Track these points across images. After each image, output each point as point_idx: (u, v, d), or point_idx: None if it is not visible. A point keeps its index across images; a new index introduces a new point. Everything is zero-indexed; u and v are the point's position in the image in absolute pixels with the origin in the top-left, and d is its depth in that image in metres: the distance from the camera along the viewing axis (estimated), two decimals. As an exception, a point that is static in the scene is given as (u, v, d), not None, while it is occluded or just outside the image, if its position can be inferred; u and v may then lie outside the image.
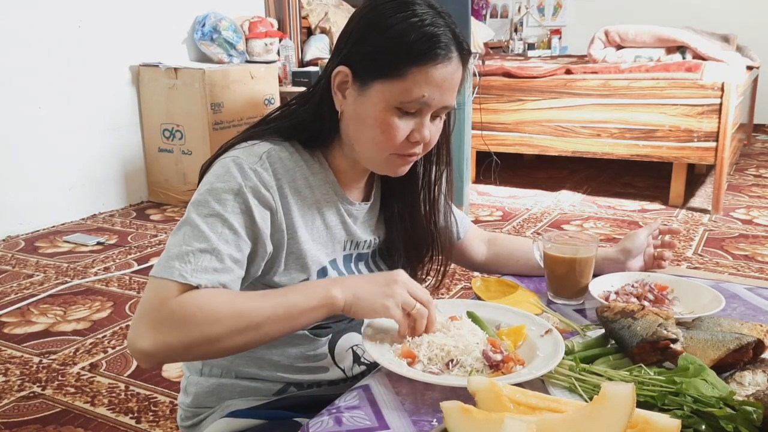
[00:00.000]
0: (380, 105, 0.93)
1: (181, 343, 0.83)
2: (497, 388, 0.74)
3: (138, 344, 0.83)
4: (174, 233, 0.91)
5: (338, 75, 0.96)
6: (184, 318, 0.83)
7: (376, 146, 0.96)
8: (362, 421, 0.81)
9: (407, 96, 0.92)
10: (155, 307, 0.84)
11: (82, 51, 3.64)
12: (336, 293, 0.89)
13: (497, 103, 4.10)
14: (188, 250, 0.87)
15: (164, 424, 1.76)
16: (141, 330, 0.83)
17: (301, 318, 0.89)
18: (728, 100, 3.48)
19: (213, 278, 0.87)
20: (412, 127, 0.95)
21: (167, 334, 0.83)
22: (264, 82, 4.13)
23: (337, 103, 0.98)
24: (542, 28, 6.70)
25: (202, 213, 0.90)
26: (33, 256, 3.11)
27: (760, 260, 2.92)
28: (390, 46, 0.91)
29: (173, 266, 0.86)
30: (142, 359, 0.84)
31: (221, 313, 0.85)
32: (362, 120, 0.96)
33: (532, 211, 3.78)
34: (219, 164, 0.95)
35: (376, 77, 0.93)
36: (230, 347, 0.86)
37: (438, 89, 0.92)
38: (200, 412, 1.10)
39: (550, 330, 0.95)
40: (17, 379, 1.99)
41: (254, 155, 0.95)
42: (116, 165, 3.93)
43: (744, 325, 0.94)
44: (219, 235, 0.89)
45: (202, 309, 0.84)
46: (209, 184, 0.93)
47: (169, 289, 0.85)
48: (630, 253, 1.23)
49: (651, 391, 0.78)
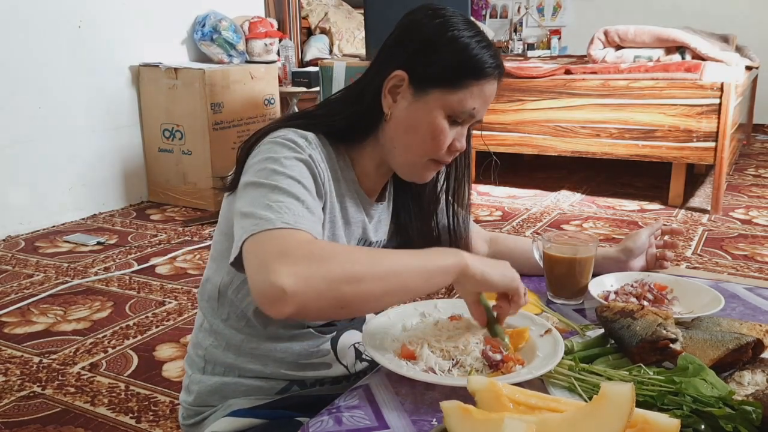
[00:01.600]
0: (436, 111, 0.98)
1: (325, 279, 0.77)
2: (497, 388, 0.75)
3: (275, 281, 0.75)
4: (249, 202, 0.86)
5: (393, 78, 0.99)
6: (322, 253, 0.80)
7: (422, 151, 1.00)
8: (362, 420, 0.81)
9: (462, 106, 0.98)
10: (286, 248, 0.79)
11: (82, 51, 3.65)
12: (467, 258, 0.89)
13: (497, 103, 4.10)
14: (278, 205, 0.84)
15: (164, 423, 1.76)
16: (275, 267, 0.76)
17: (435, 277, 0.87)
18: (727, 100, 3.48)
19: (313, 224, 0.85)
20: (455, 136, 1.01)
21: (309, 268, 0.77)
22: (264, 83, 4.13)
23: (386, 106, 1.00)
24: (542, 29, 6.70)
25: (274, 178, 0.88)
26: (33, 256, 3.11)
27: (759, 260, 2.93)
28: (456, 59, 0.97)
29: (271, 218, 0.82)
30: (279, 299, 0.75)
31: (359, 255, 0.85)
32: (413, 124, 0.99)
33: (531, 211, 3.78)
34: (268, 142, 0.95)
35: (437, 85, 0.98)
36: (373, 294, 0.82)
37: (484, 104, 1.00)
38: (202, 411, 1.11)
39: (549, 330, 0.96)
40: (17, 378, 2.00)
41: (300, 136, 0.96)
42: (116, 165, 3.93)
43: (743, 324, 0.95)
44: (299, 192, 0.88)
45: (334, 248, 0.84)
46: (267, 158, 0.91)
47: (288, 233, 0.81)
48: (632, 252, 1.24)
49: (650, 391, 0.78)
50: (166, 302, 2.55)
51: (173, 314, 2.44)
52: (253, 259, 0.80)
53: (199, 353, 1.11)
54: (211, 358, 1.09)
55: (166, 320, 2.39)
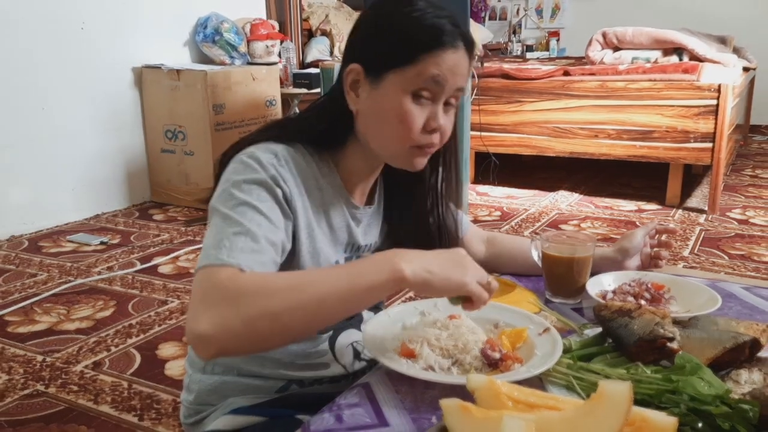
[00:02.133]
0: (395, 94, 0.95)
1: (240, 319, 0.76)
2: (496, 386, 0.75)
3: (195, 328, 0.76)
4: (207, 233, 0.89)
5: (350, 74, 0.98)
6: (238, 292, 0.78)
7: (396, 139, 0.97)
8: (362, 418, 0.82)
9: (421, 78, 0.93)
10: (206, 291, 0.80)
11: (85, 52, 3.65)
12: (404, 267, 0.81)
13: (496, 105, 4.11)
14: (222, 236, 0.85)
15: (167, 421, 1.77)
16: (196, 313, 0.77)
17: (367, 295, 0.82)
18: (725, 101, 3.49)
19: (251, 258, 0.84)
20: (427, 115, 0.96)
21: (223, 310, 0.77)
22: (265, 84, 4.14)
23: (351, 103, 0.99)
24: (540, 30, 6.71)
25: (229, 205, 0.89)
26: (37, 256, 3.12)
27: (756, 260, 2.94)
28: (405, 34, 0.94)
29: (210, 254, 0.83)
30: (201, 345, 0.77)
31: (277, 286, 0.79)
32: (379, 114, 0.97)
33: (530, 211, 3.79)
34: (236, 161, 0.95)
35: (389, 68, 0.94)
36: (293, 326, 0.80)
37: (449, 72, 0.94)
38: (203, 410, 1.11)
39: (548, 329, 0.96)
40: (21, 377, 2.01)
41: (270, 152, 0.95)
42: (119, 165, 3.94)
43: (740, 324, 0.95)
44: (250, 220, 0.87)
45: (254, 282, 0.79)
46: (229, 180, 0.92)
47: (214, 272, 0.81)
48: (627, 252, 1.24)
49: (648, 389, 0.78)
50: (169, 301, 2.56)
51: (176, 313, 2.45)
52: (191, 295, 0.83)
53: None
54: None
55: (168, 319, 2.40)
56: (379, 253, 0.85)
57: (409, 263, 0.82)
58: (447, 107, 0.99)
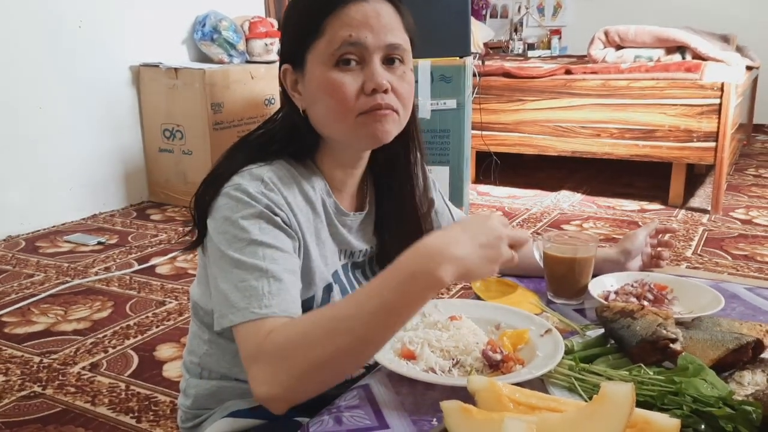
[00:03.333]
0: (318, 70, 0.91)
1: (292, 376, 0.77)
2: (497, 388, 0.75)
3: (259, 393, 0.78)
4: (220, 277, 0.87)
5: (285, 76, 0.98)
6: (282, 352, 0.78)
7: (338, 115, 0.92)
8: (362, 420, 0.81)
9: (334, 44, 0.89)
10: (254, 354, 0.80)
11: (82, 51, 3.65)
12: (442, 275, 0.75)
13: (497, 104, 4.10)
14: (244, 286, 0.84)
15: (165, 423, 1.76)
16: (254, 377, 0.79)
17: (409, 315, 0.78)
18: (728, 100, 3.48)
19: (280, 299, 0.84)
20: (363, 79, 0.91)
21: (275, 372, 0.77)
22: (264, 83, 4.13)
23: (298, 103, 0.97)
24: (542, 29, 6.70)
25: (236, 247, 0.87)
26: (33, 256, 3.11)
27: (759, 260, 2.93)
28: (301, 14, 0.94)
29: (241, 308, 0.83)
30: (270, 405, 0.79)
31: (316, 335, 0.77)
32: (315, 97, 0.94)
33: (531, 211, 3.79)
34: (224, 197, 0.91)
35: (305, 51, 0.93)
36: (344, 367, 0.80)
37: (365, 27, 0.89)
38: (200, 414, 1.10)
39: (549, 330, 0.96)
40: (18, 378, 2.00)
41: (256, 179, 0.92)
42: (117, 165, 3.93)
43: (743, 324, 0.94)
44: (263, 257, 0.86)
45: (293, 338, 0.78)
46: (225, 219, 0.90)
47: (253, 330, 0.81)
48: (630, 253, 1.24)
49: (650, 391, 0.78)
50: (167, 302, 2.55)
51: (173, 314, 2.44)
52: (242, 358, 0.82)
53: (194, 360, 1.10)
54: (206, 365, 1.08)
55: (166, 320, 2.39)
56: (408, 260, 0.77)
57: (444, 266, 0.75)
58: (389, 67, 0.93)
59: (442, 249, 0.76)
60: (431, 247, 0.77)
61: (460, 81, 3.28)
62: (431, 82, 3.30)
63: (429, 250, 0.76)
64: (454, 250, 0.76)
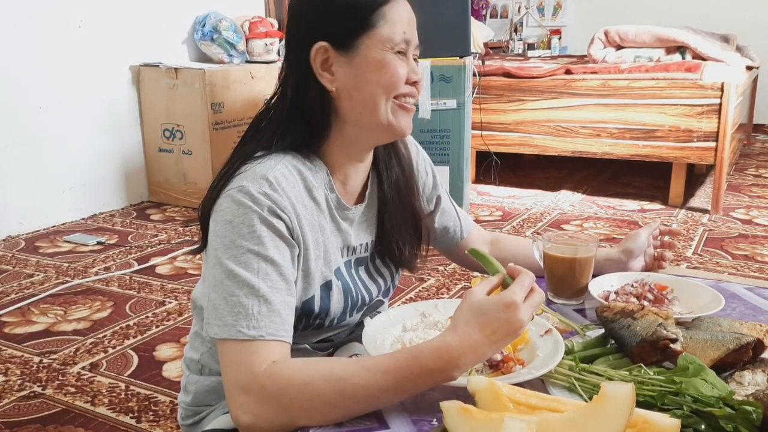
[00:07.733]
0: (376, 52, 0.94)
1: (285, 417, 0.81)
2: (497, 388, 0.75)
3: (243, 421, 0.81)
4: (212, 284, 0.88)
5: (318, 54, 0.95)
6: (282, 395, 0.80)
7: (385, 90, 0.96)
8: (362, 421, 0.81)
9: (394, 35, 0.95)
10: (243, 382, 0.82)
11: (82, 51, 3.65)
12: (458, 374, 0.82)
13: (497, 103, 4.10)
14: (233, 300, 0.85)
15: (164, 423, 1.76)
16: (238, 404, 0.81)
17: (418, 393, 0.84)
18: (728, 100, 3.48)
19: (269, 320, 0.85)
20: (408, 70, 0.98)
21: (270, 413, 0.81)
22: (264, 83, 4.13)
23: (328, 83, 0.96)
24: (542, 29, 6.70)
25: (231, 254, 0.87)
26: (33, 256, 3.11)
27: (759, 260, 2.92)
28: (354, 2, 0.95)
29: (228, 324, 0.84)
30: (242, 427, 0.82)
31: (321, 391, 0.80)
32: (364, 76, 0.95)
33: (531, 211, 3.78)
34: (227, 200, 0.91)
35: (359, 32, 0.94)
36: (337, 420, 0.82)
37: (408, 25, 0.97)
38: (201, 411, 1.10)
39: (549, 330, 0.95)
40: (18, 378, 2.00)
41: (260, 178, 0.91)
42: (117, 165, 3.93)
43: (743, 324, 0.94)
44: (257, 271, 0.87)
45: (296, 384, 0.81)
46: (226, 223, 0.90)
47: (244, 353, 0.83)
48: (632, 253, 1.23)
49: (650, 391, 0.78)
50: (167, 302, 2.55)
51: (173, 314, 2.44)
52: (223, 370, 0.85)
53: (195, 357, 1.11)
54: (207, 363, 1.09)
55: (166, 320, 2.39)
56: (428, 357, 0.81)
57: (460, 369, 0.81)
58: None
59: (460, 356, 0.81)
60: (453, 351, 0.81)
61: (460, 81, 3.28)
62: (431, 82, 3.30)
63: (450, 354, 0.81)
64: (472, 356, 0.82)
